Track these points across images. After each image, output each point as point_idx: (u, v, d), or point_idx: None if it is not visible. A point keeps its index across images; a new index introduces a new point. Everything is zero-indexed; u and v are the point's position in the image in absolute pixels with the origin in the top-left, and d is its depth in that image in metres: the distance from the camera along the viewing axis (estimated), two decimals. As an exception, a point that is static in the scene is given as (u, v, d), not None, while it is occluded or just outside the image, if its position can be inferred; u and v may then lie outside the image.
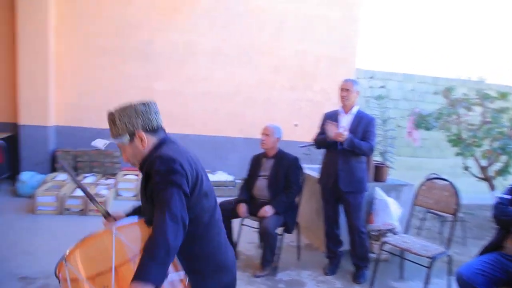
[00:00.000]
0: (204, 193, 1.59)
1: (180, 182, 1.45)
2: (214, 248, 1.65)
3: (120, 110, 1.59)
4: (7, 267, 3.22)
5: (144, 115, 1.60)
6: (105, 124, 5.49)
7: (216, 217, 1.68)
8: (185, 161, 1.52)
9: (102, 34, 6.20)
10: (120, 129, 1.59)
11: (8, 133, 5.88)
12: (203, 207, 1.59)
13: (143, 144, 1.59)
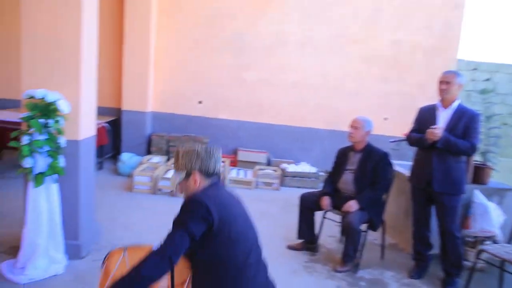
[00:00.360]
0: (233, 239, 1.63)
1: (190, 226, 1.56)
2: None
3: (184, 150, 1.78)
4: (109, 238, 3.57)
5: (203, 160, 1.75)
6: (195, 112, 5.82)
7: (251, 261, 1.68)
8: (215, 207, 1.60)
9: (197, 27, 6.49)
10: (180, 166, 1.78)
11: (113, 117, 6.49)
12: (229, 254, 1.63)
13: (195, 184, 1.75)
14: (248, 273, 1.66)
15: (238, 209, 1.76)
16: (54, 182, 2.95)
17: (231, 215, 1.67)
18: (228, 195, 1.79)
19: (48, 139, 2.88)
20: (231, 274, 1.62)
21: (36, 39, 2.99)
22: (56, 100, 2.89)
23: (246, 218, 1.78)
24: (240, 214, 1.75)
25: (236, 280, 1.63)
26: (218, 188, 1.77)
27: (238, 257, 1.63)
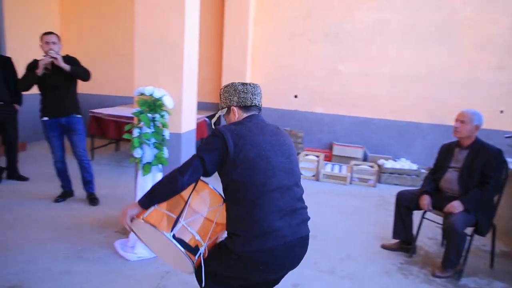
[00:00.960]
0: (247, 168, 1.69)
1: (203, 154, 1.71)
2: (262, 216, 1.67)
3: (224, 88, 1.93)
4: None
5: (240, 94, 1.87)
6: (291, 106, 5.84)
7: (272, 186, 1.71)
8: (232, 137, 1.71)
9: (293, 20, 6.52)
10: (221, 102, 1.95)
11: (213, 112, 6.87)
12: (247, 180, 1.69)
13: (234, 116, 1.89)
14: (267, 197, 1.69)
15: (265, 136, 1.79)
16: (159, 171, 3.24)
17: (251, 143, 1.73)
18: (259, 126, 1.83)
19: (154, 132, 3.17)
20: (249, 197, 1.69)
21: (146, 41, 3.30)
22: (162, 96, 3.16)
23: (274, 146, 1.79)
24: (266, 141, 1.77)
25: (253, 203, 1.68)
26: (252, 120, 1.85)
27: (255, 181, 1.69)
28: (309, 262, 3.18)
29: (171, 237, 1.66)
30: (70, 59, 3.96)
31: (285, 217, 1.70)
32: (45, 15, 7.13)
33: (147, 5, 3.26)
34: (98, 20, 7.34)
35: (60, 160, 4.13)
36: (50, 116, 3.97)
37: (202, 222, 1.79)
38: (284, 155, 1.80)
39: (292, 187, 1.79)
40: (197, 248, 1.72)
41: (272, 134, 1.83)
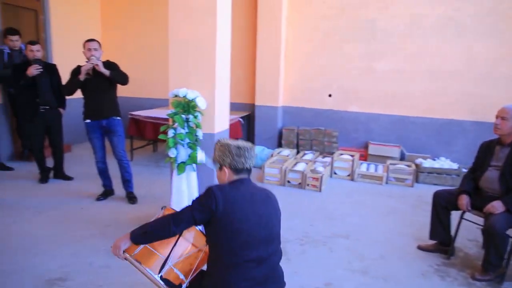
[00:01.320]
0: (233, 231, 1.76)
1: (195, 211, 1.79)
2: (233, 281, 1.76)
3: (219, 145, 1.95)
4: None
5: (233, 156, 1.89)
6: (325, 105, 5.79)
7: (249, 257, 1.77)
8: (222, 200, 1.77)
9: (327, 18, 6.47)
10: (214, 157, 1.97)
11: (247, 112, 6.95)
12: (226, 244, 1.77)
13: (225, 175, 1.91)
14: (242, 267, 1.78)
15: (254, 207, 1.84)
16: (193, 170, 3.34)
17: (238, 211, 1.79)
18: (250, 192, 1.88)
19: (188, 132, 3.27)
20: (226, 260, 1.79)
21: (180, 45, 3.41)
22: (195, 97, 3.25)
23: (261, 218, 1.84)
24: (254, 212, 1.82)
25: (228, 269, 1.78)
26: (243, 184, 1.89)
27: (235, 248, 1.77)
28: (342, 262, 3.16)
29: (158, 279, 1.85)
30: (110, 64, 4.17)
31: (258, 286, 1.80)
32: (88, 23, 7.49)
33: (180, 10, 3.37)
34: (136, 26, 7.61)
35: (101, 160, 4.34)
36: (91, 118, 4.18)
37: (186, 260, 1.96)
38: (267, 227, 1.86)
39: (270, 257, 1.86)
40: (180, 285, 1.90)
41: (262, 203, 1.88)
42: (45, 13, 6.45)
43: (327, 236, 3.66)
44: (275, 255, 1.91)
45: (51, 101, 4.85)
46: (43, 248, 3.23)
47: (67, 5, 6.88)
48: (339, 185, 5.33)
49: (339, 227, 3.88)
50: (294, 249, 3.38)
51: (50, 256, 3.10)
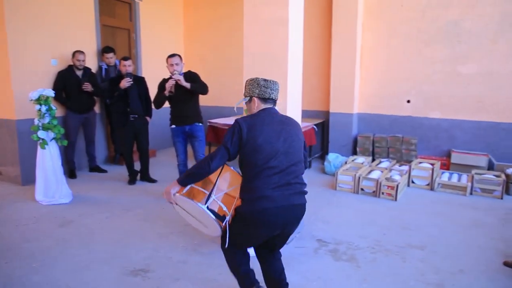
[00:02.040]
0: (256, 148, 2.17)
1: (227, 142, 2.20)
2: (260, 185, 2.16)
3: (249, 80, 2.36)
4: (308, 229, 3.91)
5: (261, 88, 2.31)
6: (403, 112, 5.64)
7: (271, 165, 2.17)
8: (246, 126, 2.20)
9: (405, 22, 6.25)
10: (245, 92, 2.39)
11: (321, 119, 6.95)
12: (252, 158, 2.18)
13: (254, 105, 2.34)
14: (266, 172, 2.17)
15: (272, 127, 2.24)
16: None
17: (259, 132, 2.20)
18: (269, 117, 2.28)
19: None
20: (252, 171, 2.19)
21: (253, 55, 3.58)
22: (267, 105, 3.39)
23: (280, 134, 2.24)
24: (273, 130, 2.23)
25: (256, 176, 2.18)
26: (264, 112, 2.31)
27: (259, 160, 2.17)
28: (415, 273, 3.04)
29: (205, 208, 2.20)
30: (192, 75, 4.59)
31: (279, 188, 2.18)
32: (172, 38, 8.11)
33: (254, 22, 3.54)
34: (215, 38, 8.06)
35: (182, 163, 4.70)
36: (176, 124, 4.63)
37: (227, 196, 2.33)
38: (286, 141, 2.25)
39: (289, 167, 2.23)
40: (224, 217, 2.26)
41: (280, 124, 2.29)
42: (136, 31, 7.13)
43: (400, 246, 3.53)
44: (295, 166, 2.27)
45: (139, 110, 5.35)
46: (130, 241, 3.58)
47: (155, 23, 7.53)
48: (417, 195, 5.09)
49: (414, 237, 3.72)
50: (364, 256, 3.32)
51: (136, 249, 3.43)
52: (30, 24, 5.26)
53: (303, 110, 6.35)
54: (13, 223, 4.02)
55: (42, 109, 4.46)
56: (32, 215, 4.23)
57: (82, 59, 5.58)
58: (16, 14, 5.08)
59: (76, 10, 5.91)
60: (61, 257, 3.28)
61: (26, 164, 5.22)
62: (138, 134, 5.40)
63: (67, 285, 2.85)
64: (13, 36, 5.07)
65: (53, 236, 3.70)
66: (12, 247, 3.47)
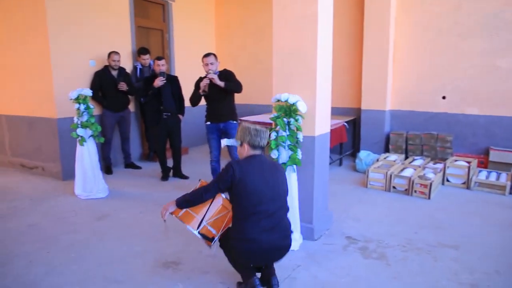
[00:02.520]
0: (243, 194, 2.45)
1: (219, 182, 2.55)
2: (247, 228, 2.45)
3: (242, 127, 2.63)
4: (338, 226, 3.89)
5: (252, 136, 2.57)
6: (438, 108, 5.50)
7: (259, 209, 2.45)
8: (239, 170, 2.47)
9: (440, 14, 6.06)
10: (237, 135, 2.65)
11: (352, 117, 6.86)
12: (242, 201, 2.47)
13: (244, 150, 2.61)
14: (253, 218, 2.45)
15: (262, 174, 2.51)
16: (293, 171, 3.47)
17: (250, 178, 2.46)
18: (259, 164, 2.55)
19: (289, 135, 3.42)
20: (243, 214, 2.47)
21: (283, 52, 3.59)
22: (296, 101, 3.39)
23: (268, 182, 2.51)
24: (262, 178, 2.50)
25: (244, 219, 2.47)
26: (255, 158, 2.58)
27: (248, 205, 2.45)
28: (447, 273, 2.97)
29: (197, 233, 2.63)
30: (227, 73, 4.70)
31: (265, 232, 2.46)
32: (204, 37, 8.25)
33: (283, 19, 3.55)
34: (245, 37, 8.13)
35: (215, 159, 4.80)
36: (211, 121, 4.76)
37: (218, 220, 2.69)
38: (274, 188, 2.53)
39: (276, 212, 2.52)
40: (213, 238, 2.65)
41: (269, 171, 2.56)
42: (169, 32, 7.31)
43: (432, 245, 3.45)
44: (280, 210, 2.57)
45: (172, 109, 5.49)
46: (161, 236, 3.70)
47: (187, 23, 7.69)
48: (452, 194, 4.94)
49: (448, 236, 3.62)
50: (395, 255, 3.27)
51: (167, 243, 3.54)
52: (70, 27, 5.52)
53: (333, 107, 6.28)
54: (54, 215, 4.24)
55: (81, 108, 4.68)
56: (71, 208, 4.44)
57: (117, 60, 5.79)
58: (57, 19, 5.34)
59: (112, 13, 6.14)
60: (98, 249, 3.44)
61: (66, 160, 5.49)
62: (171, 131, 5.53)
63: (103, 275, 2.98)
64: (55, 40, 5.34)
65: (91, 229, 3.88)
66: (54, 237, 3.67)
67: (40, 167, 5.93)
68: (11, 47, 5.89)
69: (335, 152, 6.53)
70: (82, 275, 2.99)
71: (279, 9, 3.57)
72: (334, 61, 4.05)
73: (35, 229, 3.89)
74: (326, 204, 3.93)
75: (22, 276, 2.98)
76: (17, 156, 6.27)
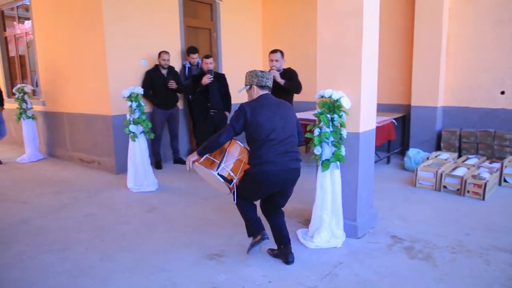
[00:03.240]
0: (256, 127, 2.85)
1: (234, 123, 2.89)
2: (264, 153, 2.85)
3: (249, 72, 3.03)
4: (383, 225, 3.81)
5: (259, 78, 2.98)
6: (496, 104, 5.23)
7: (271, 137, 2.85)
8: (249, 109, 2.87)
9: (500, 3, 5.69)
10: (246, 81, 3.06)
11: (401, 113, 6.64)
12: (256, 133, 2.86)
13: (253, 92, 3.02)
14: (268, 144, 2.85)
15: (271, 109, 2.91)
16: (337, 168, 3.44)
17: (259, 113, 2.86)
18: (266, 101, 2.95)
19: (333, 131, 3.39)
20: (257, 143, 2.88)
21: (327, 48, 3.56)
22: (340, 97, 3.36)
23: (276, 114, 2.91)
24: (270, 111, 2.90)
25: (260, 147, 2.87)
26: (264, 97, 2.99)
27: (261, 134, 2.85)
28: (500, 277, 2.82)
29: (216, 174, 2.92)
30: (290, 73, 4.78)
31: (279, 155, 2.87)
32: (251, 35, 8.33)
33: (327, 14, 3.52)
34: (292, 34, 8.10)
35: None
36: None
37: (235, 164, 2.99)
38: (282, 119, 2.92)
39: (286, 139, 2.92)
40: (231, 180, 2.96)
41: (276, 106, 2.96)
42: (217, 30, 7.47)
43: (484, 247, 3.28)
44: (290, 137, 2.96)
45: (219, 105, 5.62)
46: (207, 229, 3.82)
47: (234, 22, 7.80)
48: (509, 195, 4.65)
49: (502, 240, 3.42)
50: (443, 256, 3.15)
51: (212, 236, 3.65)
52: (124, 28, 5.81)
53: (382, 103, 6.15)
54: (108, 207, 4.51)
55: (133, 105, 4.92)
56: (124, 200, 4.70)
57: (167, 59, 6.02)
58: (112, 20, 5.65)
59: (163, 14, 6.38)
60: (147, 239, 3.62)
61: (120, 155, 5.79)
62: (217, 128, 5.67)
63: (151, 264, 3.14)
64: (110, 41, 5.65)
65: (141, 220, 4.09)
66: (107, 227, 3.91)
67: (97, 161, 6.31)
68: (72, 49, 6.31)
69: (382, 150, 6.36)
70: (132, 263, 3.17)
71: (323, 3, 3.54)
72: (382, 56, 3.95)
73: (91, 219, 4.16)
74: (371, 202, 3.85)
75: (80, 261, 3.22)
76: (76, 151, 6.72)
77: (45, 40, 6.89)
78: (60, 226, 3.97)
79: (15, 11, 7.80)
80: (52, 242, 3.59)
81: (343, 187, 3.49)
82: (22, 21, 7.78)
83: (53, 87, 6.95)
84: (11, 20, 8.11)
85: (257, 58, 8.49)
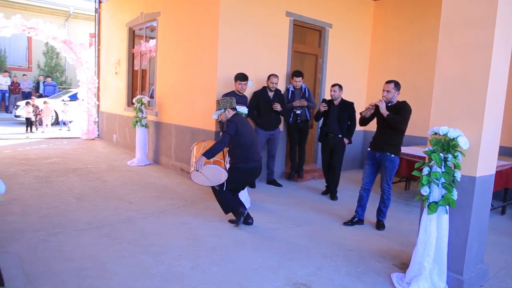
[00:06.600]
0: (244, 135, 4.30)
1: (229, 131, 4.23)
2: (251, 153, 4.41)
3: (221, 99, 4.47)
4: (494, 284, 3.33)
5: (230, 102, 4.45)
6: None
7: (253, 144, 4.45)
8: (238, 123, 4.30)
9: None
10: (220, 106, 4.44)
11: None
12: (241, 140, 4.30)
13: (228, 114, 4.45)
14: (252, 148, 4.41)
15: (246, 124, 4.45)
16: (445, 212, 3.12)
17: (243, 127, 4.33)
18: (242, 118, 4.49)
19: (444, 172, 3.11)
20: (245, 147, 4.34)
21: (446, 81, 3.30)
22: (457, 136, 3.07)
23: (250, 128, 4.51)
24: (248, 125, 4.50)
25: (248, 150, 4.36)
26: (237, 116, 4.45)
27: (246, 142, 4.33)
28: None
29: (226, 171, 4.21)
30: (399, 106, 4.48)
31: (257, 156, 4.49)
32: (358, 62, 8.17)
33: (451, 46, 3.27)
34: (401, 64, 7.74)
35: (365, 187, 4.67)
36: (371, 148, 4.66)
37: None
38: (252, 132, 4.51)
39: (257, 145, 4.58)
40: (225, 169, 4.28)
41: (247, 122, 4.54)
42: (323, 57, 7.48)
43: None
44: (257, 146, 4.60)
45: (335, 130, 5.80)
46: (296, 255, 3.73)
47: (342, 48, 7.75)
48: None
49: None
50: None
51: (300, 263, 3.55)
52: (235, 51, 6.13)
53: (503, 146, 5.50)
54: (203, 218, 4.69)
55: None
56: (218, 214, 4.84)
57: (276, 82, 6.17)
58: (226, 44, 6.01)
59: (273, 39, 6.60)
60: (236, 256, 3.66)
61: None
62: (333, 151, 5.89)
63: (238, 282, 3.15)
64: (222, 62, 6.01)
65: (232, 236, 4.16)
66: (200, 238, 4.06)
67: (196, 172, 6.65)
68: (187, 67, 6.83)
69: (497, 198, 5.66)
70: (220, 278, 3.21)
71: (446, 35, 3.31)
72: (508, 93, 3.55)
73: (186, 227, 4.36)
74: (482, 256, 3.41)
75: (173, 267, 3.36)
76: (179, 160, 7.18)
77: (164, 58, 7.59)
78: (158, 230, 4.22)
79: (144, 31, 8.76)
80: (150, 244, 3.82)
81: (450, 235, 3.16)
82: (148, 40, 8.69)
83: (165, 100, 7.58)
84: (139, 38, 9.13)
85: (362, 85, 8.29)
